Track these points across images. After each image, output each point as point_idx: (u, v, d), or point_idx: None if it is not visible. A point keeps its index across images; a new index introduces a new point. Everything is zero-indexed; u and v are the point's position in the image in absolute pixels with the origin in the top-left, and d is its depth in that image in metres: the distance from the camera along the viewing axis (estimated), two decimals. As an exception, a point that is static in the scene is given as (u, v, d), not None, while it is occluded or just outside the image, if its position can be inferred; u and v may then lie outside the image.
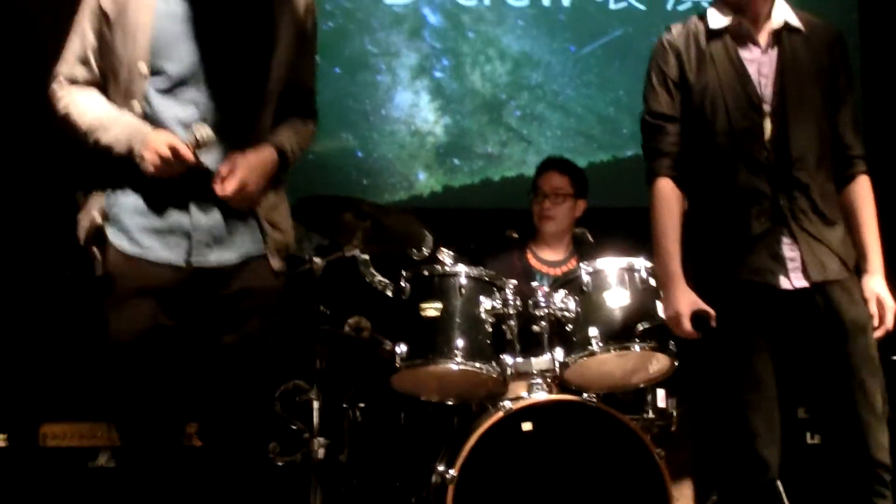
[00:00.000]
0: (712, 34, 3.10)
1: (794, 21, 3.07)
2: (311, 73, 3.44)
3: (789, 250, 2.94)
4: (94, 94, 3.13)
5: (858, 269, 3.03)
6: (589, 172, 5.36)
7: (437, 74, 6.35)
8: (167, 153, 2.89)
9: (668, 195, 3.12)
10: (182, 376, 3.15)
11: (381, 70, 6.31)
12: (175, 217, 3.06)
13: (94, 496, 4.36)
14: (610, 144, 6.19)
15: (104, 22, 3.07)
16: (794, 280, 2.92)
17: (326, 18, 6.18)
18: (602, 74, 6.30)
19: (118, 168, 3.05)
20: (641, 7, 6.34)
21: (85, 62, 3.12)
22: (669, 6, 6.34)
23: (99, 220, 3.07)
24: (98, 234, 3.08)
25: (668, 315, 3.04)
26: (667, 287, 3.05)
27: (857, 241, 3.02)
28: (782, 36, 3.06)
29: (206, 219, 3.08)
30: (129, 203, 3.07)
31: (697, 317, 2.92)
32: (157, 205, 3.06)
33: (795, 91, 3.01)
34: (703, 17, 3.17)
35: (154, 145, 2.91)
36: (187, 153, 2.91)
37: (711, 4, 3.18)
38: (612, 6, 6.36)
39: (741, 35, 3.07)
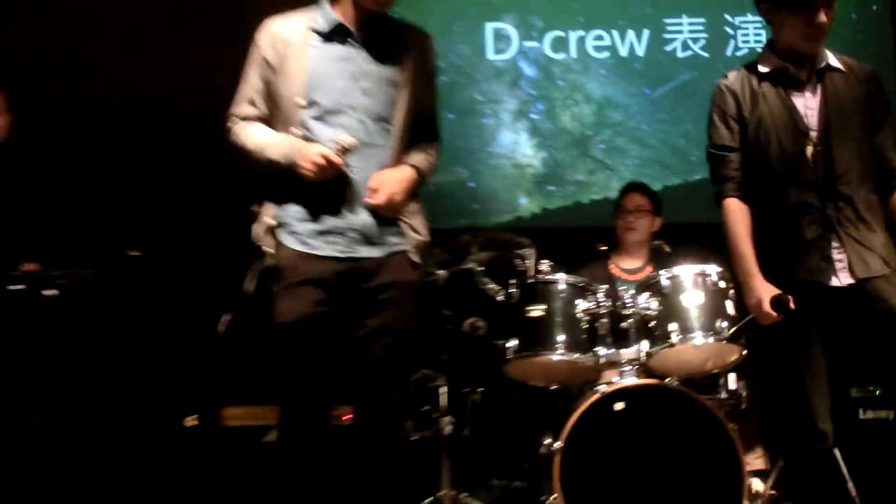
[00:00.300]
0: (763, 76, 3.09)
1: (835, 63, 3.06)
2: (433, 103, 3.50)
3: (837, 253, 2.93)
4: (260, 125, 3.27)
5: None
6: (663, 194, 5.32)
7: (534, 117, 6.36)
8: (321, 160, 3.00)
9: (736, 211, 3.12)
10: (333, 358, 3.22)
11: (486, 115, 6.33)
12: (332, 221, 3.16)
13: (265, 467, 4.40)
14: (681, 170, 6.14)
15: (268, 69, 3.21)
16: (842, 278, 2.92)
17: (441, 73, 6.15)
18: (673, 112, 6.25)
19: (284, 185, 3.19)
20: (705, 55, 6.29)
21: (252, 103, 3.28)
22: (728, 52, 6.28)
23: (273, 223, 3.17)
24: (268, 234, 3.19)
25: (751, 303, 3.03)
26: (746, 281, 3.05)
27: None
28: (825, 75, 3.04)
29: (357, 222, 3.16)
30: (294, 211, 3.19)
31: (777, 301, 2.89)
32: (316, 212, 3.18)
33: (837, 119, 2.99)
34: (754, 63, 3.16)
35: (309, 156, 3.03)
36: (336, 158, 3.02)
37: (761, 51, 3.18)
38: (680, 55, 6.31)
39: (788, 76, 3.05)
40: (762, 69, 3.11)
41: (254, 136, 3.23)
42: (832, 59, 3.08)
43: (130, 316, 4.83)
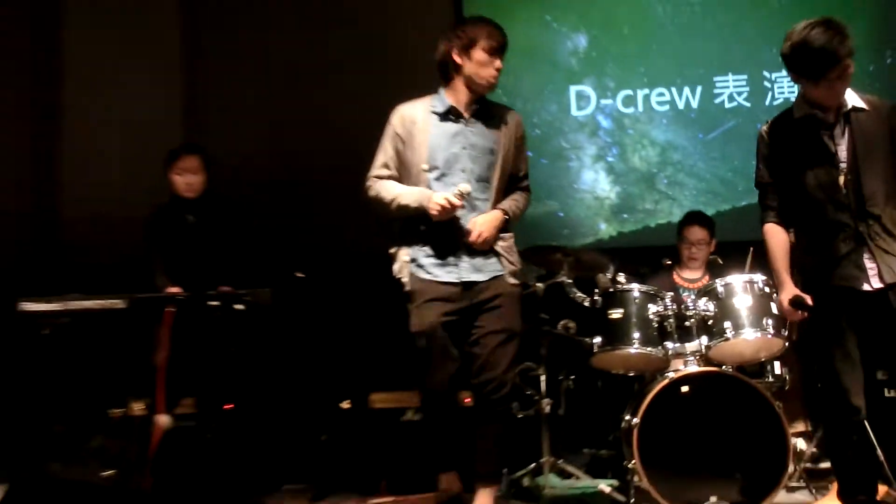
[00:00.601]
0: (797, 121, 3.05)
1: (859, 103, 2.99)
2: (523, 165, 3.61)
3: (869, 262, 2.89)
4: (393, 181, 3.42)
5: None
6: (716, 217, 5.31)
7: (609, 159, 6.36)
8: (445, 203, 3.17)
9: (774, 233, 3.11)
10: (459, 352, 3.37)
11: (572, 159, 6.36)
12: (449, 257, 3.33)
13: (405, 441, 4.52)
14: (729, 198, 6.06)
15: (399, 141, 3.38)
16: (873, 283, 2.88)
17: (535, 128, 6.28)
18: (722, 152, 6.19)
19: (412, 232, 3.36)
20: (747, 104, 6.20)
21: (386, 167, 3.43)
22: (767, 102, 6.16)
23: (407, 260, 3.33)
24: (403, 268, 3.36)
25: (779, 301, 3.05)
26: (778, 287, 3.05)
27: None
28: (851, 115, 2.97)
29: (467, 256, 3.32)
30: (422, 251, 3.35)
31: (794, 300, 2.93)
32: (437, 249, 3.35)
33: (863, 152, 2.93)
34: (790, 110, 3.12)
35: (436, 200, 3.20)
36: (456, 201, 3.20)
37: (796, 99, 3.12)
38: (727, 105, 6.24)
39: (818, 119, 3.00)
40: (797, 115, 3.06)
41: (389, 188, 3.42)
42: (856, 101, 3.00)
43: (299, 324, 5.03)
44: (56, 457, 4.76)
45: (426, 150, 3.39)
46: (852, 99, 3.00)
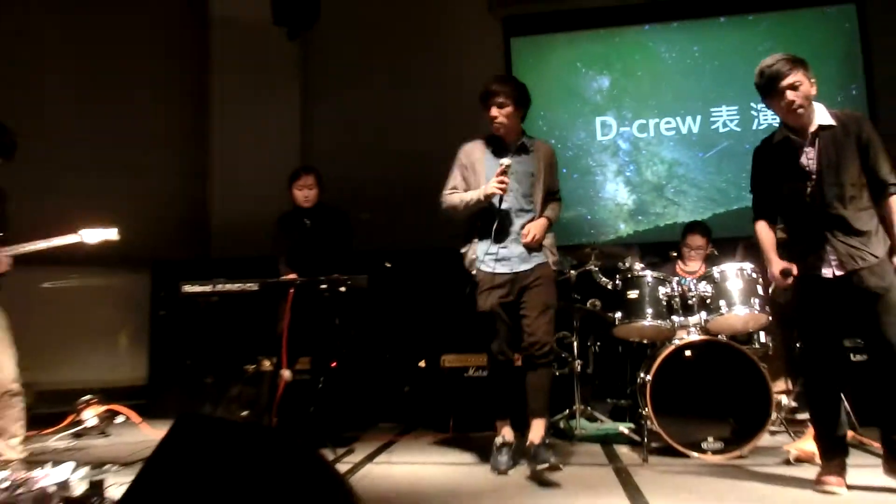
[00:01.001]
0: (779, 143, 2.95)
1: (827, 121, 2.85)
2: (555, 183, 3.60)
3: (831, 255, 2.79)
4: (458, 193, 3.49)
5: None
6: (712, 219, 5.26)
7: (627, 174, 6.33)
8: (497, 183, 3.26)
9: (763, 228, 2.99)
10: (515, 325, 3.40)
11: (597, 174, 6.34)
12: (503, 252, 3.36)
13: (467, 391, 4.57)
14: (724, 203, 6.00)
15: (464, 169, 3.47)
16: (835, 271, 2.78)
17: (569, 150, 6.28)
18: (718, 167, 6.13)
19: (477, 237, 3.42)
20: (738, 129, 6.13)
21: (454, 188, 3.49)
22: (754, 127, 6.09)
23: (473, 256, 3.37)
24: (472, 263, 3.41)
25: (771, 273, 2.92)
26: (768, 264, 2.93)
27: (890, 237, 2.82)
28: (819, 134, 2.85)
29: (516, 252, 3.37)
30: (482, 248, 3.39)
31: (784, 271, 2.85)
32: (492, 250, 3.38)
33: (826, 164, 2.80)
34: (773, 135, 3.00)
35: (490, 185, 3.29)
36: (504, 178, 3.28)
37: (778, 127, 3.00)
38: (721, 130, 6.17)
39: (794, 141, 2.89)
40: (775, 140, 2.97)
41: (456, 197, 3.48)
42: (825, 119, 2.86)
43: (388, 302, 5.10)
44: (207, 400, 4.92)
45: (483, 176, 3.46)
46: (821, 118, 2.87)
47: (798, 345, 4.03)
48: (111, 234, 3.63)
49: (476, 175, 3.47)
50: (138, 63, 6.31)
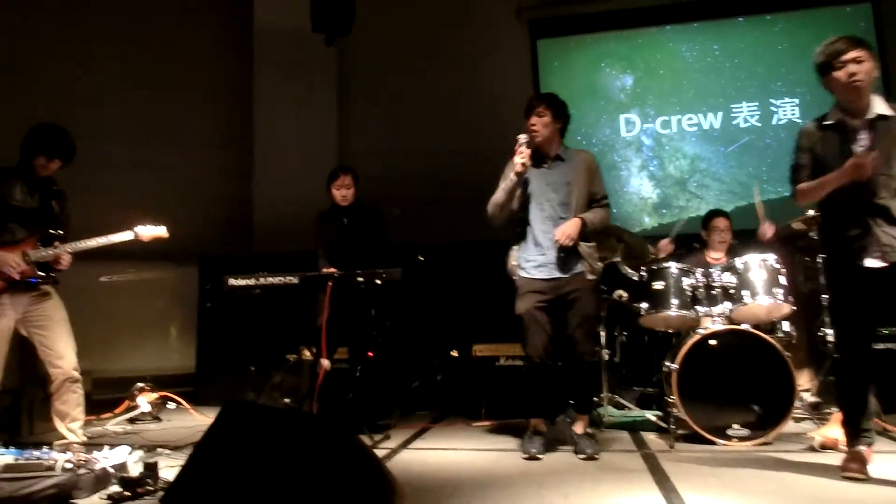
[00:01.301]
0: (831, 125, 2.76)
1: (886, 111, 2.67)
2: (599, 188, 3.49)
3: (872, 245, 2.63)
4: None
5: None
6: (733, 211, 5.12)
7: (651, 168, 6.25)
8: (519, 159, 3.27)
9: (803, 184, 2.81)
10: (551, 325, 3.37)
11: (622, 169, 6.27)
12: (541, 259, 3.34)
13: (499, 380, 4.51)
14: (745, 196, 5.84)
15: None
16: (876, 262, 2.63)
17: (594, 147, 6.21)
18: (739, 161, 6.02)
19: (517, 241, 3.41)
20: (758, 125, 6.02)
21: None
22: (773, 122, 5.98)
23: (514, 263, 3.36)
24: (513, 269, 3.41)
25: (847, 170, 2.62)
26: (835, 177, 2.65)
27: None
28: (876, 123, 2.67)
29: (552, 259, 3.31)
30: (522, 255, 3.39)
31: (855, 162, 2.61)
32: (533, 255, 3.38)
33: (880, 152, 2.61)
34: (825, 115, 2.81)
35: (514, 161, 3.29)
36: (524, 150, 3.29)
37: (831, 108, 2.79)
38: (742, 126, 6.06)
39: (849, 124, 2.72)
40: (828, 120, 2.77)
41: (495, 194, 3.44)
42: (884, 109, 2.66)
43: (421, 294, 5.06)
44: (251, 388, 4.96)
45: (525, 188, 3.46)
46: (879, 108, 2.69)
47: (820, 333, 3.97)
48: (161, 231, 3.67)
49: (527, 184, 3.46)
50: (185, 68, 6.40)
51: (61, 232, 3.47)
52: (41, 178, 3.45)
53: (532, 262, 3.37)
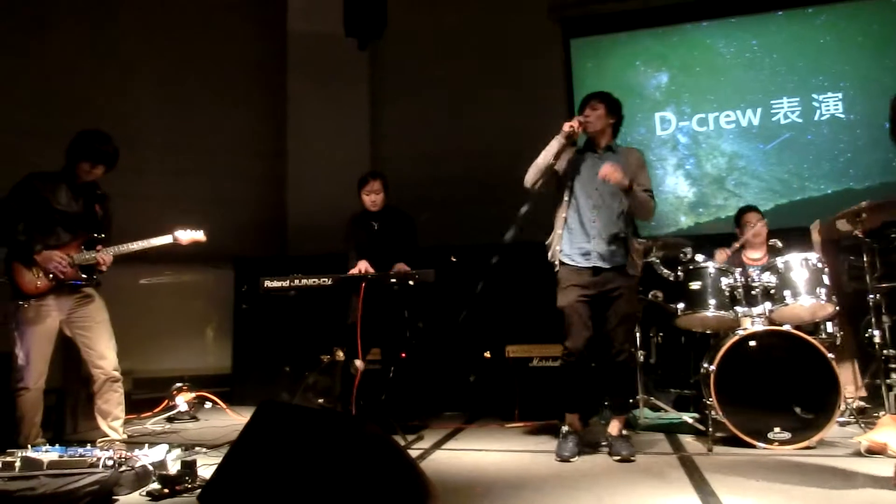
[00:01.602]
0: None
1: None
2: (645, 181, 3.44)
3: None
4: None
5: None
6: (774, 210, 5.04)
7: (688, 167, 6.14)
8: (571, 123, 3.30)
9: None
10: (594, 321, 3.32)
11: (658, 167, 6.16)
12: (585, 247, 3.31)
13: (532, 381, 4.50)
14: (786, 194, 5.76)
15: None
16: None
17: (629, 145, 6.12)
18: (779, 158, 5.87)
19: (562, 226, 3.37)
20: (799, 121, 5.87)
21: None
22: (815, 118, 5.82)
23: (557, 248, 3.33)
24: (555, 254, 3.38)
25: None
26: None
27: None
28: None
29: (597, 248, 3.29)
30: (566, 243, 3.34)
31: None
32: (576, 243, 3.33)
33: None
34: None
35: (564, 126, 3.30)
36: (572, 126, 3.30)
37: None
38: (782, 122, 5.92)
39: None
40: None
41: (535, 162, 3.40)
42: None
43: (454, 295, 5.04)
44: (286, 388, 5.02)
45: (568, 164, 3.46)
46: None
47: (867, 334, 3.85)
48: (199, 235, 3.74)
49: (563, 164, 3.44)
50: (220, 75, 6.50)
51: (103, 235, 3.56)
52: (85, 182, 3.54)
53: (578, 248, 3.34)
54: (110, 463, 2.66)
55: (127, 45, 6.17)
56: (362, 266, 3.97)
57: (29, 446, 2.94)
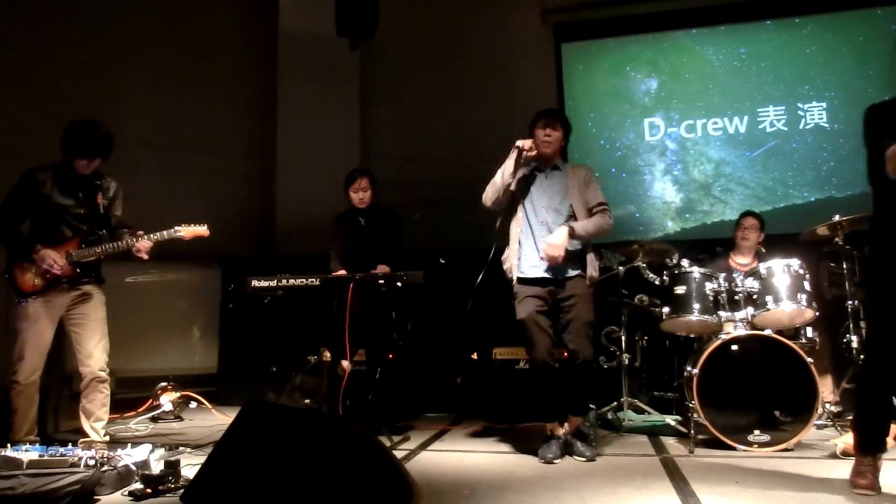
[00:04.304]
0: None
1: None
2: (597, 197, 3.48)
3: None
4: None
5: None
6: (759, 217, 5.09)
7: (675, 173, 6.18)
8: (521, 145, 3.35)
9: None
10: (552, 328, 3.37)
11: (646, 173, 6.21)
12: (538, 264, 3.36)
13: (518, 383, 4.55)
14: (770, 201, 5.82)
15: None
16: None
17: (618, 150, 6.19)
18: (764, 165, 5.94)
19: (514, 241, 3.43)
20: (785, 129, 5.94)
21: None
22: (800, 127, 5.90)
23: (510, 263, 3.41)
24: (510, 269, 3.44)
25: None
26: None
27: None
28: None
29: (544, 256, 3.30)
30: (518, 257, 3.42)
31: None
32: (527, 257, 3.39)
33: None
34: None
35: (519, 144, 3.38)
36: (525, 146, 3.35)
37: None
38: (768, 130, 5.98)
39: None
40: None
41: (492, 181, 3.49)
42: None
43: (442, 296, 5.02)
44: (272, 388, 5.02)
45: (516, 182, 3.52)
46: None
47: (844, 340, 3.92)
48: (202, 229, 3.68)
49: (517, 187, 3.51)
50: (211, 73, 6.50)
51: (104, 231, 3.54)
52: (83, 175, 3.51)
53: (530, 264, 3.40)
54: (92, 462, 2.65)
55: (118, 43, 6.17)
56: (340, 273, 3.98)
57: (9, 445, 2.91)
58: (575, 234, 3.32)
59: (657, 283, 4.01)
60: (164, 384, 4.95)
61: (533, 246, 3.41)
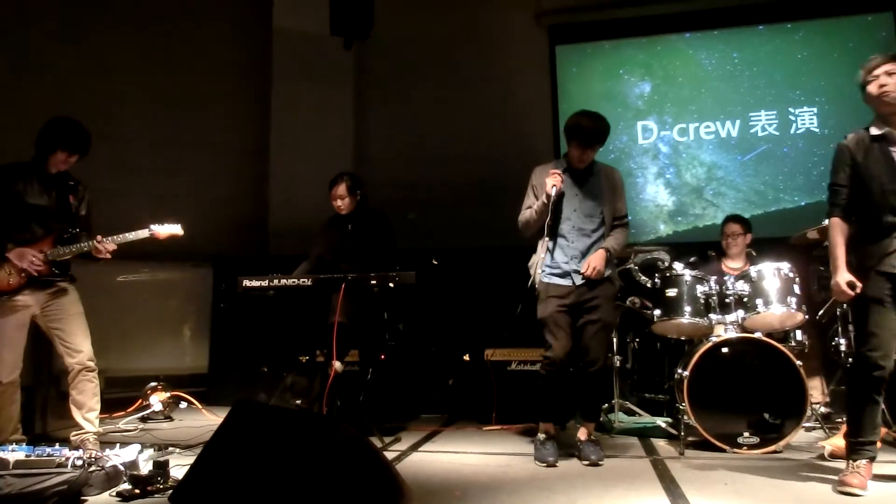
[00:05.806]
0: (873, 138, 2.76)
1: None
2: (620, 207, 3.52)
3: None
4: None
5: None
6: (750, 220, 5.11)
7: (668, 176, 6.21)
8: (552, 181, 3.33)
9: (839, 226, 2.79)
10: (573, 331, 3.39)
11: (638, 176, 6.23)
12: (564, 267, 3.38)
13: (510, 385, 4.55)
14: (761, 205, 5.85)
15: (535, 188, 3.52)
16: None
17: (611, 153, 6.19)
18: (756, 169, 5.97)
19: (543, 248, 3.39)
20: (776, 133, 5.97)
21: (529, 207, 3.53)
22: (791, 131, 5.93)
23: (538, 270, 3.37)
24: (537, 276, 3.40)
25: (835, 283, 2.73)
26: (835, 270, 2.74)
27: None
28: None
29: (572, 262, 3.38)
30: (545, 261, 3.39)
31: (851, 283, 2.68)
32: (556, 262, 3.40)
33: None
34: (868, 128, 2.81)
35: (548, 181, 3.34)
36: (555, 174, 3.35)
37: (872, 120, 2.81)
38: (760, 134, 6.01)
39: (892, 138, 2.73)
40: (873, 132, 2.76)
41: (525, 213, 3.50)
42: None
43: (434, 298, 5.05)
44: (263, 388, 5.01)
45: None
46: None
47: (833, 343, 3.94)
48: (176, 229, 3.67)
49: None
50: (204, 72, 6.48)
51: (77, 230, 3.50)
52: (56, 173, 3.47)
53: (557, 268, 3.41)
54: (79, 463, 2.63)
55: (110, 41, 6.14)
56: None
57: (-1, 443, 2.89)
58: (610, 255, 3.41)
59: (649, 285, 4.01)
60: (153, 384, 4.92)
61: (561, 252, 3.42)
